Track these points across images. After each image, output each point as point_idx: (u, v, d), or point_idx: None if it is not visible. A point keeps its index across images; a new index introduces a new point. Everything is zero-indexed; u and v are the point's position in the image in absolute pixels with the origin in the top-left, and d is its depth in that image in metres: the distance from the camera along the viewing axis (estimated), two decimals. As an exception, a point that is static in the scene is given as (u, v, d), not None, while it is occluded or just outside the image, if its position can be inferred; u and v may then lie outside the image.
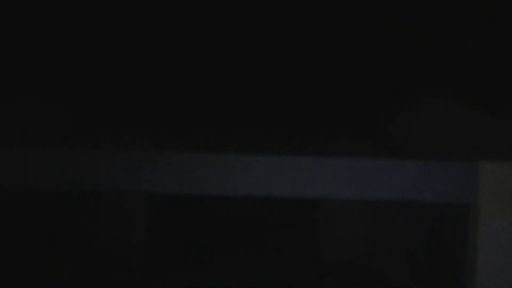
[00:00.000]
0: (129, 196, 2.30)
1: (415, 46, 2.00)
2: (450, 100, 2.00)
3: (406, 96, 2.09)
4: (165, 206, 2.37)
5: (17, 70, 2.01)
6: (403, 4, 1.94)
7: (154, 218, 2.36)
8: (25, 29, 1.91)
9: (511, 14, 1.94)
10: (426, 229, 2.02)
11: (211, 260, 2.30)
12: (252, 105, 2.12)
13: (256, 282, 2.13)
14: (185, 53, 2.01)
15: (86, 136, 2.12)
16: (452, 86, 2.01)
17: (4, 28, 1.88)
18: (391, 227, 2.22)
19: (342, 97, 2.10)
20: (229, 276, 2.18)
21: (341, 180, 1.57)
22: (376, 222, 2.30)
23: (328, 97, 2.10)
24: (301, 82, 2.08)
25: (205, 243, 2.35)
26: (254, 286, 2.10)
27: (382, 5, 1.93)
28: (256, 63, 2.04)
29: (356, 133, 2.17)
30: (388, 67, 2.05)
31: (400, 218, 2.17)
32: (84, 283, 2.10)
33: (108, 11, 1.90)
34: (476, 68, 1.99)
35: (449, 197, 1.57)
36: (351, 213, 2.33)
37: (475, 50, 1.98)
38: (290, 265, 2.29)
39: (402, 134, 2.14)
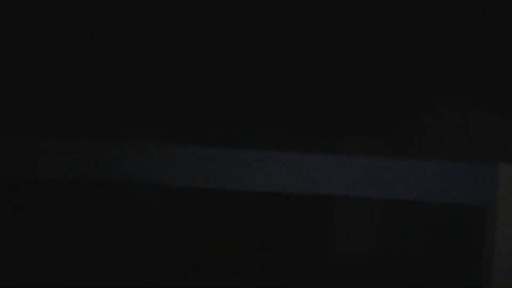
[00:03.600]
0: (146, 189, 2.30)
1: (437, 46, 1.99)
2: (470, 101, 2.00)
3: (427, 96, 2.08)
4: (180, 200, 2.37)
5: (41, 64, 2.02)
6: (429, 4, 1.93)
7: (170, 211, 2.37)
8: (44, 26, 1.92)
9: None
10: (443, 230, 2.01)
11: (224, 254, 2.30)
12: (272, 102, 2.12)
13: (269, 277, 2.13)
14: (206, 48, 2.01)
15: (105, 130, 2.13)
16: (473, 88, 2.00)
17: (23, 25, 1.90)
18: (406, 226, 2.22)
19: (362, 96, 2.10)
20: (242, 270, 2.18)
21: (359, 178, 1.56)
22: (391, 221, 2.29)
23: (348, 95, 2.09)
24: (322, 81, 2.08)
25: (219, 237, 2.36)
26: (268, 280, 2.11)
27: (411, 5, 1.92)
28: (278, 61, 2.04)
29: (375, 132, 2.16)
30: (409, 67, 2.04)
31: (416, 218, 2.17)
32: (100, 274, 2.11)
33: (128, 10, 1.90)
34: (497, 70, 1.98)
35: (467, 198, 1.57)
36: (366, 211, 2.32)
37: (498, 52, 1.97)
38: (303, 261, 2.29)
39: (422, 134, 2.13)
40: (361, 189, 1.56)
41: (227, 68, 2.06)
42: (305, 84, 2.09)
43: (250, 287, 2.09)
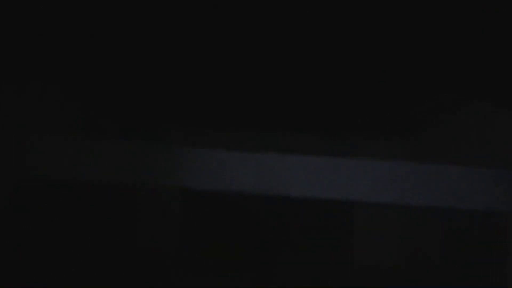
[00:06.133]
0: (166, 191, 2.30)
1: (463, 49, 1.98)
2: (495, 106, 1.98)
3: (451, 100, 2.06)
4: (200, 202, 2.37)
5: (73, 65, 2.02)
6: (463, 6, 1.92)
7: (189, 214, 2.37)
8: (72, 25, 1.92)
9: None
10: (466, 236, 2.00)
11: (243, 259, 2.29)
12: (292, 105, 2.11)
13: (288, 283, 2.12)
14: (224, 51, 2.01)
15: (125, 131, 2.13)
16: (499, 92, 1.99)
17: (57, 24, 1.90)
18: (429, 233, 2.20)
19: (385, 99, 2.08)
20: (259, 275, 2.18)
21: (381, 184, 1.55)
22: (413, 227, 2.27)
23: (370, 99, 2.08)
24: (343, 84, 2.07)
25: (238, 242, 2.35)
26: (286, 286, 2.10)
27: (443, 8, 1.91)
28: (300, 64, 2.03)
29: (398, 136, 2.15)
30: (433, 70, 2.03)
31: (439, 224, 2.15)
32: (120, 276, 2.10)
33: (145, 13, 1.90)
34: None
35: (491, 205, 1.55)
36: (387, 217, 2.31)
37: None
38: (324, 267, 2.28)
39: (445, 139, 2.12)
40: (383, 194, 1.54)
41: (248, 72, 2.05)
42: (327, 88, 2.08)
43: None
